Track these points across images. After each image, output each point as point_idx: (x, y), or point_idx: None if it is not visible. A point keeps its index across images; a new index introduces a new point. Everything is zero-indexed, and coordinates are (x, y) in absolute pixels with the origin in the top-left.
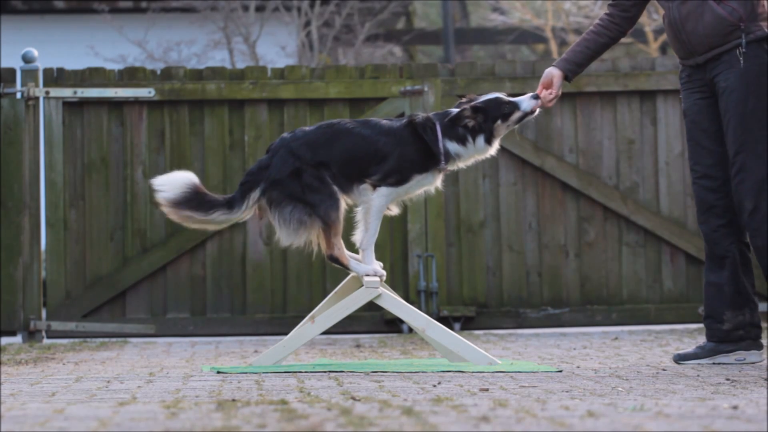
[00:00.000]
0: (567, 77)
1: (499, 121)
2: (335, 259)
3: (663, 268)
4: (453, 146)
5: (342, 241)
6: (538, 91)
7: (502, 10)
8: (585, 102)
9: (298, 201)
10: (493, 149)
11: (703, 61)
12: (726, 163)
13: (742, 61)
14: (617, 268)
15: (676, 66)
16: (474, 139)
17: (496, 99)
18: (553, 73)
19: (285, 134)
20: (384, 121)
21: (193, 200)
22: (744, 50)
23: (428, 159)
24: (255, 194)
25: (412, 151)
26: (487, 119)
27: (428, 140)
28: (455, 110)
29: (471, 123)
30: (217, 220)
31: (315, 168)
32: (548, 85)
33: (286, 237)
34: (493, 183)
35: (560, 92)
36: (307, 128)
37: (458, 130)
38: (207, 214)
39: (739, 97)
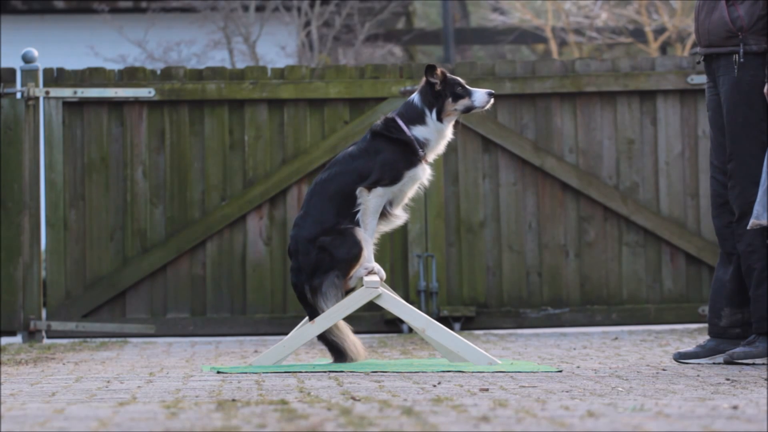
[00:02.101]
0: None
1: (450, 99)
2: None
3: (663, 268)
4: (419, 131)
5: None
6: None
7: (502, 10)
8: (585, 102)
9: (328, 270)
10: (448, 131)
11: (704, 54)
12: None
13: (736, 70)
14: (617, 268)
15: (677, 66)
16: (430, 112)
17: (455, 79)
18: None
19: (291, 232)
20: (350, 148)
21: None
22: (741, 60)
23: (408, 153)
24: (308, 293)
25: (390, 152)
26: (444, 90)
27: (398, 137)
28: (415, 96)
29: (438, 86)
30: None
31: (329, 233)
32: None
33: (331, 305)
34: (493, 183)
35: None
36: (300, 212)
37: (417, 108)
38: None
39: (729, 107)
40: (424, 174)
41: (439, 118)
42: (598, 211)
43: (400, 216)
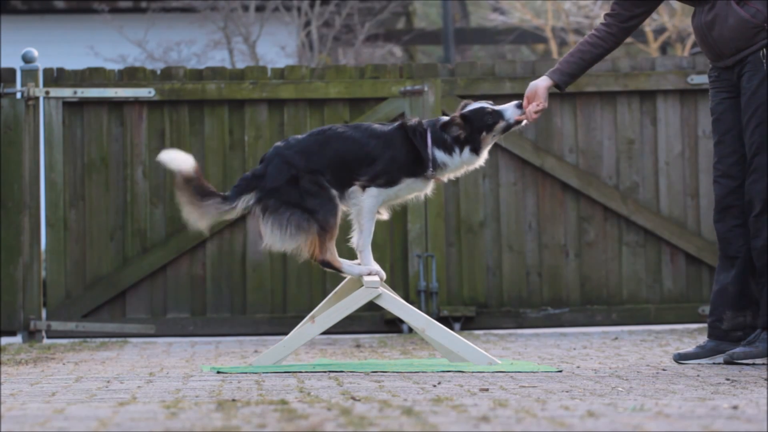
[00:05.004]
0: (559, 87)
1: (484, 133)
2: (327, 264)
3: (663, 268)
4: (440, 155)
5: (334, 245)
6: (524, 105)
7: (502, 10)
8: (585, 102)
9: (296, 207)
10: (482, 159)
11: (732, 63)
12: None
13: (765, 64)
14: (617, 268)
15: (677, 66)
16: (461, 151)
17: (481, 109)
18: (538, 85)
19: (278, 143)
20: (375, 125)
21: (194, 182)
22: None
23: (417, 163)
24: (249, 198)
25: (402, 154)
26: (473, 130)
27: (417, 144)
28: (446, 118)
29: (460, 133)
30: (209, 211)
31: (311, 174)
32: (533, 98)
33: (279, 241)
34: (493, 183)
35: (546, 104)
36: (299, 136)
37: (447, 139)
38: (202, 199)
39: (760, 101)
40: (424, 188)
41: (475, 152)
42: (598, 211)
43: (381, 214)
